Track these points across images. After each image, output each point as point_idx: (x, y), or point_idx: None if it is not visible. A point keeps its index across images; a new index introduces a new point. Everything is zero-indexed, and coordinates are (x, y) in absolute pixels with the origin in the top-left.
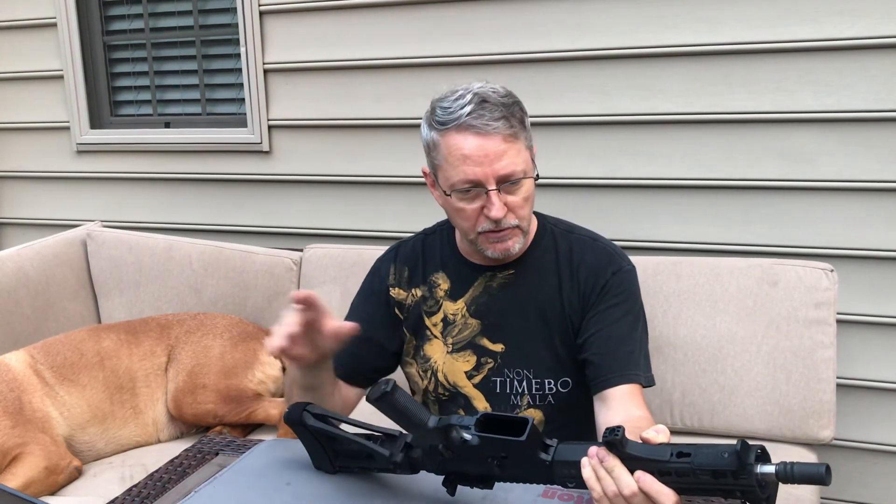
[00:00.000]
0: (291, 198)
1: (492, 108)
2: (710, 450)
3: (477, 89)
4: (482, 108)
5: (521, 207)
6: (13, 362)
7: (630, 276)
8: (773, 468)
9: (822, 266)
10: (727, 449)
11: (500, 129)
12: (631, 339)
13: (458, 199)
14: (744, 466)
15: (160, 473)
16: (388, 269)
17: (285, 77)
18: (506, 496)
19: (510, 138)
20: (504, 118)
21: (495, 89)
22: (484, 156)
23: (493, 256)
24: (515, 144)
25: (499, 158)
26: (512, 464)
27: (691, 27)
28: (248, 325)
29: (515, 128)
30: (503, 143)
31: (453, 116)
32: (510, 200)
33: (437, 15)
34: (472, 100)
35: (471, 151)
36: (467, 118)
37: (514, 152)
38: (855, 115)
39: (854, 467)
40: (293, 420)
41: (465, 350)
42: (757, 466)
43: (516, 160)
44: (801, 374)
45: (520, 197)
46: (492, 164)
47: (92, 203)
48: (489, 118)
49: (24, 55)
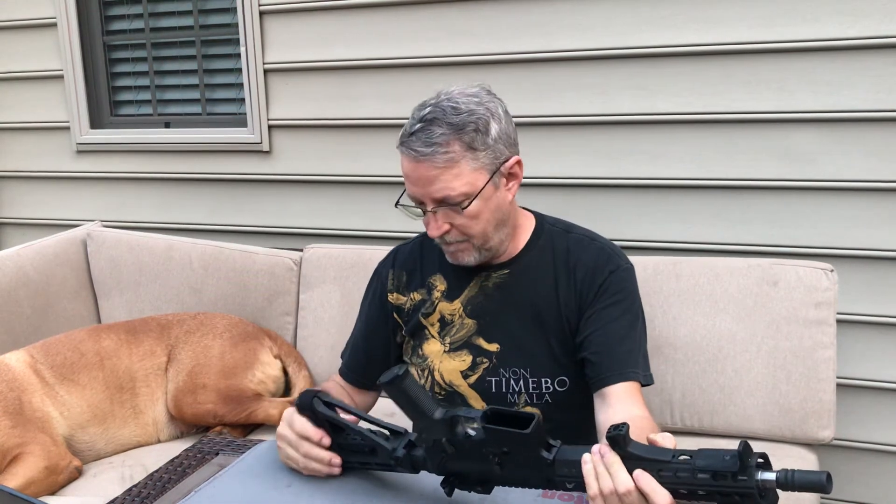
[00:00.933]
0: (291, 198)
1: (430, 133)
2: (711, 452)
3: (441, 100)
4: (423, 130)
5: (468, 227)
6: (13, 362)
7: (628, 275)
8: (773, 475)
9: (822, 266)
10: (729, 452)
11: (429, 157)
12: (629, 338)
13: (413, 209)
14: (745, 468)
15: (160, 473)
16: (388, 275)
17: (285, 77)
18: (505, 496)
19: (446, 163)
20: (438, 144)
21: (457, 104)
22: (417, 178)
23: (452, 263)
24: (452, 169)
25: (430, 183)
26: (513, 461)
27: (691, 27)
28: (249, 325)
29: (453, 153)
30: (433, 170)
31: (403, 132)
32: (456, 220)
33: (437, 15)
34: (423, 116)
35: (408, 171)
36: (408, 139)
37: (450, 177)
38: (855, 115)
39: (854, 467)
40: (304, 406)
41: (462, 350)
42: (758, 473)
43: (452, 185)
44: (801, 374)
45: (464, 218)
46: (424, 186)
47: (92, 203)
48: (423, 143)
49: (24, 55)
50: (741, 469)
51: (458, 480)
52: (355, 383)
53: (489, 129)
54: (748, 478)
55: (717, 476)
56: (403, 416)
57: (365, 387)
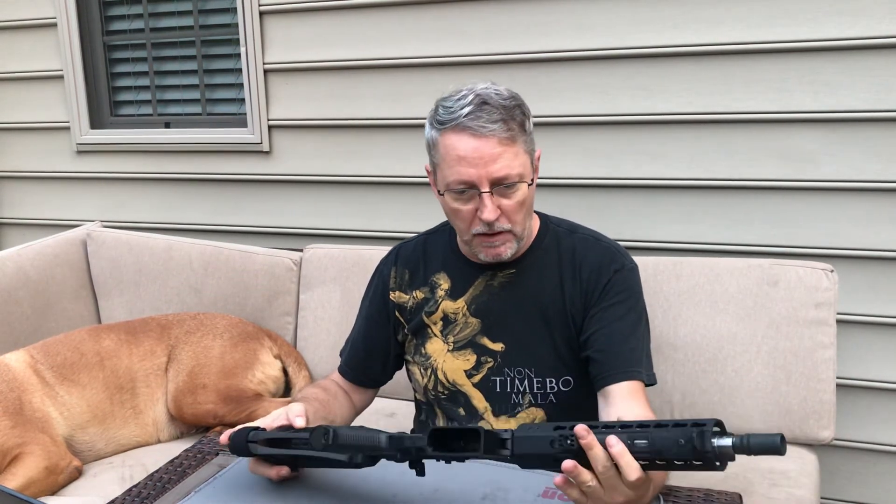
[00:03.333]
0: (291, 198)
1: (490, 111)
2: (667, 434)
3: (480, 90)
4: (481, 109)
5: (515, 212)
6: (13, 362)
7: (632, 275)
8: (730, 441)
9: (822, 266)
10: (683, 435)
11: (496, 132)
12: (633, 337)
13: (452, 199)
14: (702, 455)
15: (160, 473)
16: (389, 273)
17: (285, 77)
18: (505, 496)
19: (506, 141)
20: (502, 121)
21: (499, 91)
22: (479, 157)
23: (485, 260)
24: (512, 148)
25: (493, 161)
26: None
27: (691, 27)
28: (249, 326)
29: (513, 131)
30: (498, 146)
31: (452, 116)
32: (504, 204)
33: (437, 15)
34: (472, 101)
35: (466, 152)
36: (465, 119)
37: (510, 156)
38: (855, 115)
39: (854, 467)
40: (239, 449)
41: (466, 349)
42: (714, 440)
43: (512, 164)
44: (801, 374)
45: (514, 201)
46: (486, 166)
47: (92, 203)
48: (486, 120)
49: (24, 55)
50: (697, 457)
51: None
52: (354, 381)
53: (528, 115)
54: (706, 462)
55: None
56: (404, 416)
57: (364, 384)
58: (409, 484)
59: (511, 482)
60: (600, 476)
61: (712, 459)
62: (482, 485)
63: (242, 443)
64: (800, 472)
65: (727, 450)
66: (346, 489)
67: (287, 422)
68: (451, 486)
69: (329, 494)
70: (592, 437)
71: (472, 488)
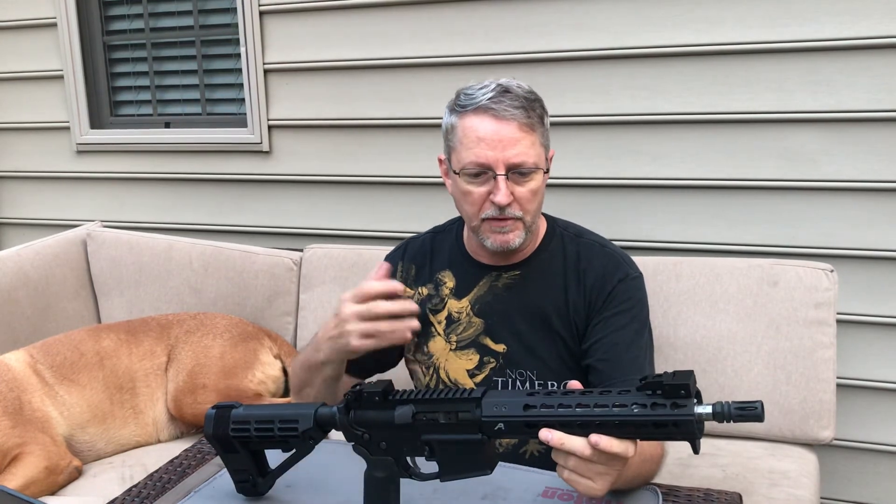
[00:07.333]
0: (291, 198)
1: (512, 98)
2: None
3: (503, 81)
4: (503, 95)
5: (527, 201)
6: (13, 362)
7: (637, 284)
8: (710, 408)
9: (822, 266)
10: (656, 419)
11: (517, 117)
12: (636, 346)
13: (466, 181)
14: (686, 432)
15: (160, 473)
16: (396, 267)
17: (285, 77)
18: (505, 496)
19: (526, 128)
20: (523, 108)
21: (520, 84)
22: (498, 140)
23: (492, 248)
24: (530, 136)
25: (512, 145)
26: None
27: (691, 27)
28: (249, 326)
29: (533, 120)
30: (518, 132)
31: (474, 100)
32: (517, 191)
33: (437, 15)
34: (494, 88)
35: (485, 134)
36: (487, 102)
37: (528, 143)
38: (855, 115)
39: (854, 467)
40: (220, 436)
41: (469, 349)
42: (695, 407)
43: (529, 151)
44: (801, 374)
45: (527, 189)
46: (504, 149)
47: (92, 203)
48: (508, 105)
49: (24, 55)
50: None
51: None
52: (354, 373)
53: (547, 113)
54: (687, 407)
55: (654, 407)
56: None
57: (356, 374)
58: (408, 484)
59: (511, 482)
60: (572, 467)
61: (696, 434)
62: (482, 485)
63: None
64: (800, 472)
65: (707, 416)
66: (346, 489)
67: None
68: (451, 485)
69: (329, 494)
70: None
71: (472, 488)
